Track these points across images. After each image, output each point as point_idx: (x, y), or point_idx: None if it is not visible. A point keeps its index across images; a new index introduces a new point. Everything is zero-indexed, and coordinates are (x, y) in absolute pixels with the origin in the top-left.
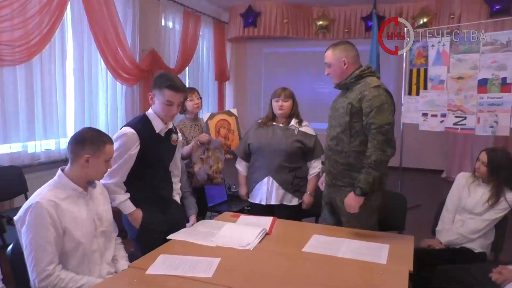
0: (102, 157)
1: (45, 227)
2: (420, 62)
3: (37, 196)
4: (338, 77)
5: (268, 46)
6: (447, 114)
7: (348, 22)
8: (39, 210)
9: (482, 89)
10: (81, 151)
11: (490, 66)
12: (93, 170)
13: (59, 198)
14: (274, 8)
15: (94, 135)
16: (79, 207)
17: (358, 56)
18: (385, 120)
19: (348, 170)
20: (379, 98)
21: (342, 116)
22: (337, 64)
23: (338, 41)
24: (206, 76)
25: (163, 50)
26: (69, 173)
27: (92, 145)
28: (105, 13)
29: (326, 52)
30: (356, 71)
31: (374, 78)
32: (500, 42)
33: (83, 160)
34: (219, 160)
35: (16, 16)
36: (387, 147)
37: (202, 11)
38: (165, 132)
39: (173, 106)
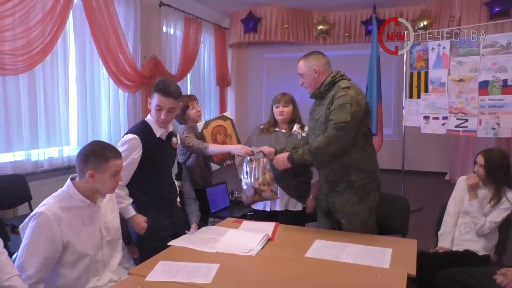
0: (107, 172)
1: (41, 239)
2: (421, 65)
3: (43, 206)
4: (311, 86)
5: (269, 51)
6: (449, 116)
7: (348, 26)
8: (40, 221)
9: (483, 91)
10: (85, 167)
11: (490, 68)
12: (100, 185)
13: (65, 210)
14: (274, 13)
15: (98, 150)
16: (85, 219)
17: (329, 64)
18: (342, 118)
19: (344, 174)
20: (344, 98)
21: (323, 124)
22: (309, 74)
23: (309, 52)
24: (207, 82)
25: (165, 57)
26: (78, 184)
27: (95, 160)
28: (107, 21)
29: (299, 63)
30: (328, 78)
31: (345, 81)
32: (500, 44)
33: (88, 175)
34: (266, 170)
35: (19, 25)
36: (333, 143)
37: (203, 17)
38: (166, 136)
39: (162, 111)
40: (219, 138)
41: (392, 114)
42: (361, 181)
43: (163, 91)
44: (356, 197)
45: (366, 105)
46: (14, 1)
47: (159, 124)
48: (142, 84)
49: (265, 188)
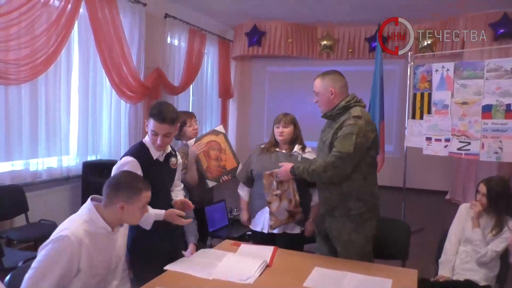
0: (138, 204)
1: (59, 264)
2: (424, 86)
3: (68, 229)
4: (325, 106)
5: (272, 65)
6: (451, 139)
7: (352, 42)
8: (63, 245)
9: (486, 115)
10: (115, 197)
11: (494, 92)
12: (128, 216)
13: (87, 235)
14: (279, 28)
15: (130, 182)
16: (102, 246)
17: (346, 86)
18: (344, 148)
19: (343, 200)
20: (352, 127)
21: (329, 148)
22: (325, 94)
23: (328, 70)
24: (210, 93)
25: (168, 68)
26: (102, 210)
27: (127, 191)
28: (112, 32)
29: (315, 80)
30: (342, 102)
31: (357, 109)
32: (504, 68)
33: (117, 206)
34: (295, 191)
35: (24, 35)
36: (330, 170)
37: (207, 29)
38: (164, 157)
39: (158, 137)
40: (212, 153)
41: (393, 131)
42: (359, 209)
43: (158, 117)
44: (353, 225)
45: (375, 138)
46: (20, 11)
47: (156, 148)
48: (145, 95)
49: (298, 209)
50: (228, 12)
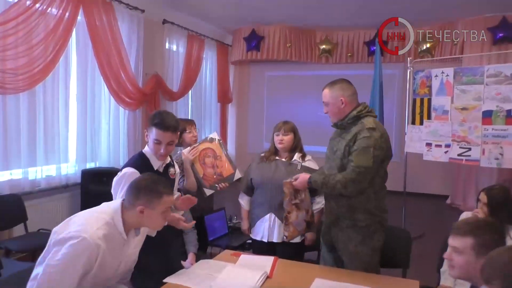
0: (158, 208)
1: (77, 269)
2: (424, 91)
3: (86, 231)
4: (335, 116)
5: (271, 69)
6: (452, 144)
7: (351, 46)
8: (81, 248)
9: (486, 121)
10: (136, 201)
11: (494, 97)
12: (148, 221)
13: (103, 239)
14: (277, 32)
15: (151, 185)
16: (114, 252)
17: (356, 94)
18: (363, 162)
19: (350, 212)
20: (368, 140)
21: (340, 159)
22: (335, 104)
23: (335, 80)
24: (208, 98)
25: (167, 73)
26: (126, 213)
27: (147, 195)
28: (110, 39)
29: (324, 90)
30: (353, 112)
31: (370, 119)
32: (504, 74)
33: (137, 210)
34: (309, 201)
35: (21, 44)
36: (351, 186)
37: (206, 34)
38: (163, 167)
39: (161, 145)
40: (207, 161)
41: (393, 136)
42: (366, 221)
43: (161, 126)
44: (360, 237)
45: (388, 149)
46: (18, 20)
47: (158, 157)
48: (143, 102)
49: (313, 220)
50: (227, 17)
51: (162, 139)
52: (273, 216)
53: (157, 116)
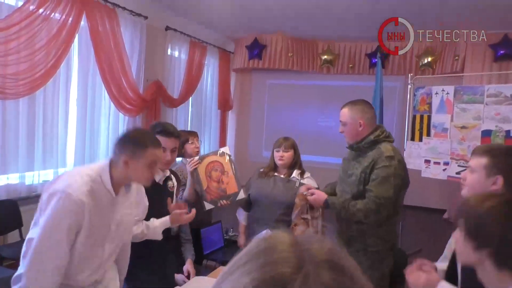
0: (143, 161)
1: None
2: (424, 108)
3: (71, 186)
4: (352, 137)
5: (272, 78)
6: (450, 162)
7: (353, 58)
8: (66, 204)
9: (485, 140)
10: (121, 152)
11: (494, 117)
12: (134, 174)
13: (88, 196)
14: (279, 42)
15: (137, 136)
16: (103, 210)
17: (375, 117)
18: (384, 193)
19: (361, 236)
20: (388, 169)
21: (355, 185)
22: (353, 125)
23: (356, 100)
24: (209, 105)
25: (168, 80)
26: (114, 170)
27: (132, 146)
28: (112, 45)
29: (342, 109)
30: (370, 136)
31: (388, 146)
32: (504, 94)
33: (121, 162)
34: (325, 223)
35: (23, 49)
36: (372, 216)
37: (208, 41)
38: (163, 180)
39: (166, 152)
40: (214, 174)
41: None
42: (377, 247)
43: (165, 133)
44: (369, 262)
45: (406, 176)
46: (20, 25)
47: (163, 166)
48: (143, 108)
49: None
50: (230, 25)
51: (167, 145)
52: (269, 232)
53: (157, 125)
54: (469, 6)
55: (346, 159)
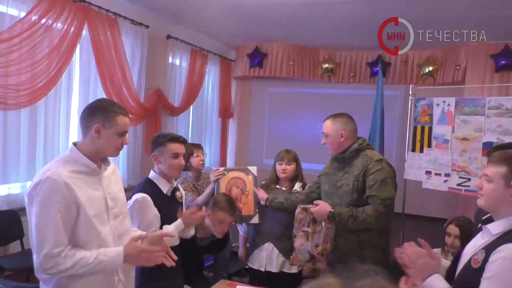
0: (115, 128)
1: (55, 205)
2: (425, 119)
3: (46, 172)
4: (334, 148)
5: (273, 86)
6: (451, 174)
7: (354, 66)
8: (49, 187)
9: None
10: (91, 122)
11: (495, 130)
12: (105, 143)
13: (70, 174)
14: (281, 50)
15: (106, 104)
16: (91, 185)
17: (356, 130)
18: (388, 195)
19: (359, 249)
20: (383, 172)
21: (348, 194)
22: (335, 136)
23: (338, 113)
24: (210, 112)
25: (169, 88)
26: (82, 147)
27: (102, 114)
28: (113, 54)
29: (325, 122)
30: (354, 145)
31: (374, 151)
32: (505, 107)
33: (93, 130)
34: (329, 238)
35: (25, 60)
36: (382, 219)
37: (209, 49)
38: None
39: (179, 158)
40: (234, 191)
41: (393, 161)
42: (375, 259)
43: (176, 139)
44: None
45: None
46: (22, 36)
47: (177, 172)
48: (144, 117)
49: (323, 259)
50: (231, 33)
51: (180, 151)
52: (271, 245)
53: (165, 134)
54: (470, 17)
55: (328, 174)
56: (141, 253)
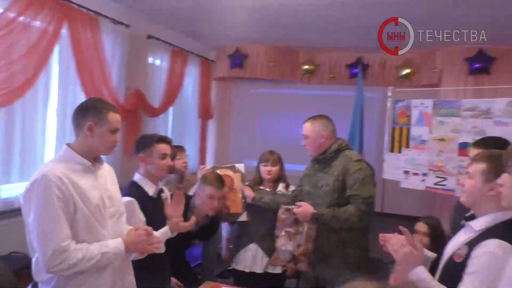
0: (106, 125)
1: (54, 201)
2: (403, 121)
3: (42, 170)
4: (314, 150)
5: (253, 87)
6: (428, 173)
7: (333, 68)
8: (46, 183)
9: (462, 152)
10: (83, 120)
11: (470, 130)
12: (98, 141)
13: (66, 172)
14: (261, 51)
15: (97, 103)
16: (88, 183)
17: (335, 131)
18: (369, 193)
19: (340, 248)
20: (363, 171)
21: (329, 194)
22: (315, 138)
23: (316, 115)
24: (189, 113)
25: (149, 89)
26: (75, 146)
27: (94, 112)
28: (93, 54)
29: (305, 124)
30: (334, 146)
31: (353, 152)
32: (480, 109)
33: (86, 129)
34: (311, 239)
35: (2, 58)
36: (365, 218)
37: (189, 49)
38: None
39: (167, 159)
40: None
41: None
42: (354, 257)
43: (163, 139)
44: (348, 272)
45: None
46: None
47: (165, 173)
48: (124, 118)
49: (304, 259)
50: (211, 34)
51: (168, 151)
52: (256, 246)
53: (150, 135)
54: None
55: (309, 175)
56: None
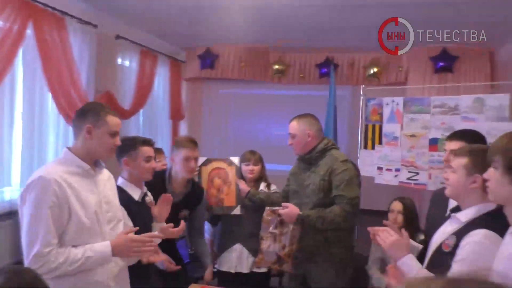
0: (105, 128)
1: (47, 205)
2: (375, 118)
3: (40, 172)
4: (301, 149)
5: (225, 87)
6: (401, 169)
7: (303, 68)
8: (42, 185)
9: (433, 148)
10: (82, 123)
11: (439, 127)
12: (97, 143)
13: (65, 174)
14: (232, 52)
15: (96, 106)
16: (86, 187)
17: (321, 130)
18: (354, 194)
19: (326, 247)
20: (348, 172)
21: (315, 193)
22: (301, 136)
23: (303, 114)
24: (160, 114)
25: (119, 90)
26: (75, 149)
27: (93, 114)
28: (60, 55)
29: (291, 122)
30: (320, 145)
31: (339, 152)
32: (448, 105)
33: (85, 131)
34: (295, 240)
35: None
36: (350, 218)
37: (159, 50)
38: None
39: (152, 161)
40: (216, 182)
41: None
42: (341, 255)
43: (147, 142)
44: (334, 271)
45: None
46: None
47: (149, 176)
48: None
49: (289, 260)
50: (181, 34)
51: (152, 154)
52: (240, 246)
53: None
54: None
55: (296, 173)
56: (131, 243)
